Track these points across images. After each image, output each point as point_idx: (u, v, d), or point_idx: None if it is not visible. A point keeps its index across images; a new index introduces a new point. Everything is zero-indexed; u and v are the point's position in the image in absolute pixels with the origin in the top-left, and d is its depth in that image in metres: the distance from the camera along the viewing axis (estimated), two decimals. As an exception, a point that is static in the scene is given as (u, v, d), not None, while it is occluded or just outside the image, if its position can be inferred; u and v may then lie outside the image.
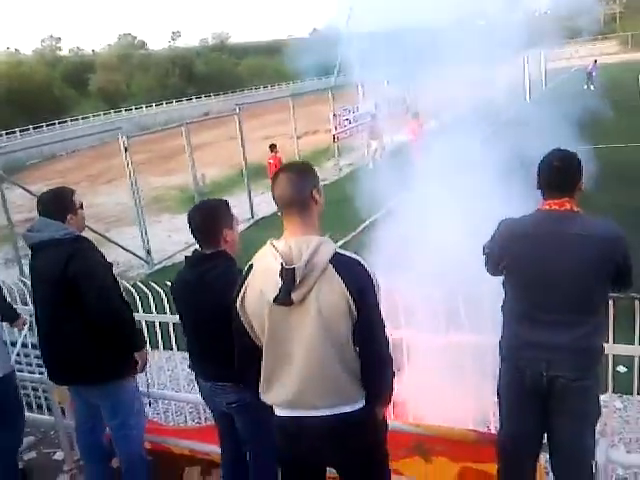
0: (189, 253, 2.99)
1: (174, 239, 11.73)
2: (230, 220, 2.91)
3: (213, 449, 3.46)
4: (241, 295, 2.27)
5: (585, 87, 24.48)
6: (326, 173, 17.47)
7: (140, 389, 3.55)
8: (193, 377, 4.53)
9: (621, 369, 4.03)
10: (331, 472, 2.55)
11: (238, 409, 2.89)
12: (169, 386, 4.89)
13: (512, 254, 2.63)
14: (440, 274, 4.00)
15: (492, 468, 2.86)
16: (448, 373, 3.74)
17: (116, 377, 3.27)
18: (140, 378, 3.49)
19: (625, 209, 8.40)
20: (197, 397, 3.68)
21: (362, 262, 2.21)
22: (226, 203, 2.99)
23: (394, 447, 3.04)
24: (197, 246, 2.95)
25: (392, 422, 3.25)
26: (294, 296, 2.12)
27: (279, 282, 2.12)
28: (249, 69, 77.75)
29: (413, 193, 5.95)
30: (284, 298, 2.12)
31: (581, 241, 2.47)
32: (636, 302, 3.08)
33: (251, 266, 2.30)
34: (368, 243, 5.51)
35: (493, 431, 3.32)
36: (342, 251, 2.21)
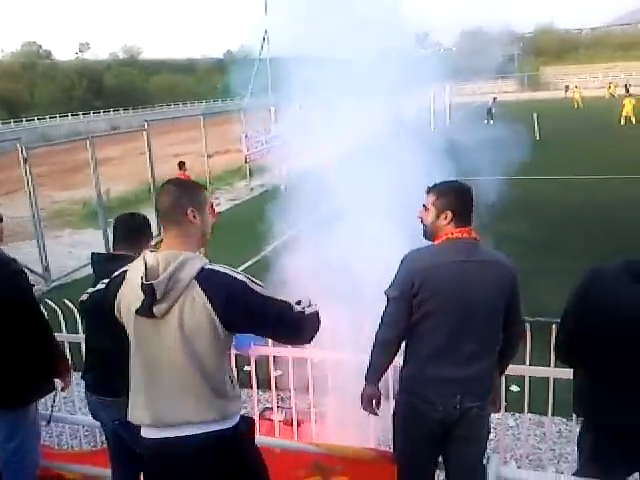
0: (89, 271, 2.93)
1: (75, 255, 11.27)
2: (149, 234, 3.04)
3: (106, 473, 3.32)
4: (117, 302, 2.24)
5: (485, 122, 25.86)
6: (238, 193, 17.42)
7: (41, 411, 3.38)
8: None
9: (514, 388, 4.23)
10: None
11: (122, 426, 2.73)
12: (63, 408, 4.66)
13: (431, 283, 2.49)
14: (348, 294, 4.06)
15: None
16: (352, 393, 3.80)
17: (24, 404, 3.12)
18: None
19: (514, 238, 8.95)
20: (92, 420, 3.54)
21: (230, 272, 2.13)
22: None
23: (294, 467, 3.06)
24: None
25: (291, 442, 3.27)
26: (156, 310, 2.08)
27: (141, 296, 2.09)
28: (160, 85, 76.49)
29: (324, 215, 6.05)
30: (145, 311, 2.09)
31: (489, 268, 2.50)
32: (527, 325, 3.24)
33: (125, 273, 2.26)
34: (277, 263, 5.53)
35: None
36: (211, 266, 2.14)
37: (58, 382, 3.27)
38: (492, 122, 25.73)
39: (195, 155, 18.45)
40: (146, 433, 2.20)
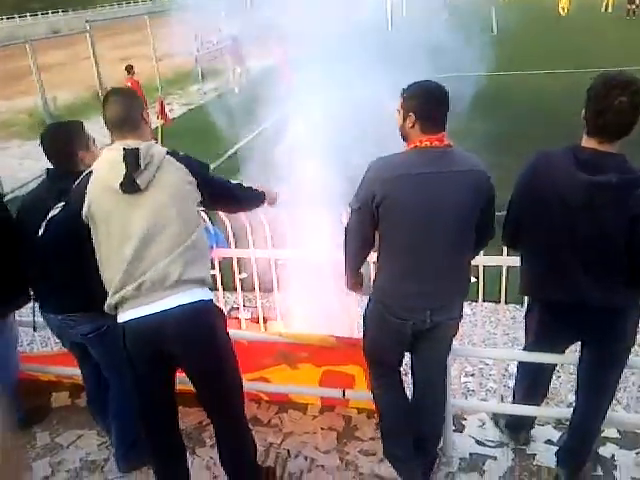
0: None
1: (26, 166, 10.96)
2: (86, 141, 2.82)
3: (78, 372, 3.46)
4: (86, 203, 2.35)
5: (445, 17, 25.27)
6: (190, 97, 16.92)
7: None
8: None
9: (473, 279, 4.46)
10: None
11: (93, 339, 2.82)
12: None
13: (393, 197, 2.34)
14: (311, 196, 4.11)
15: (352, 370, 3.11)
16: (316, 289, 3.95)
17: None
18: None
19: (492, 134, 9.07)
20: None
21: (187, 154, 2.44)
22: (80, 124, 2.89)
23: (260, 357, 3.24)
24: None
25: (257, 333, 3.44)
26: (139, 181, 2.25)
27: (123, 170, 2.25)
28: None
29: (280, 117, 5.98)
30: (129, 184, 2.25)
31: (461, 177, 2.33)
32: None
33: (90, 173, 2.39)
34: (237, 167, 5.52)
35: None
36: (172, 150, 2.42)
37: None
38: (447, 17, 25.11)
39: (144, 58, 17.67)
40: (134, 313, 2.31)
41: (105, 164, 2.34)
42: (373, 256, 2.67)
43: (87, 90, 16.06)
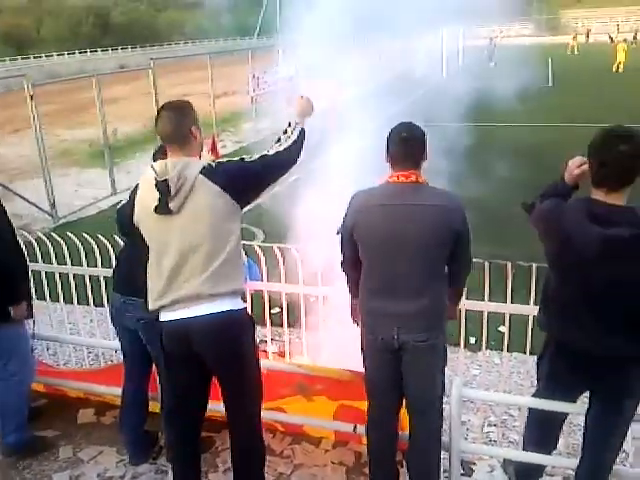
0: (96, 209, 3.11)
1: (81, 193, 11.44)
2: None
3: (107, 390, 3.61)
4: (135, 213, 2.58)
5: (492, 64, 25.40)
6: (243, 135, 17.39)
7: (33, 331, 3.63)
8: (93, 330, 4.61)
9: (502, 329, 4.42)
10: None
11: (145, 325, 3.05)
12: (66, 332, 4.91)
13: (363, 225, 2.67)
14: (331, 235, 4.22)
15: (366, 405, 3.15)
16: (342, 325, 4.01)
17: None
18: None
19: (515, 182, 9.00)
20: (95, 340, 3.79)
21: (223, 160, 2.58)
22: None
23: (278, 387, 3.31)
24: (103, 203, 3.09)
25: (277, 362, 3.52)
26: (172, 205, 2.43)
27: (157, 195, 2.43)
28: (168, 23, 74.84)
29: (326, 159, 6.13)
30: (163, 208, 2.44)
31: (425, 211, 2.57)
32: (508, 265, 3.38)
33: (137, 185, 2.62)
34: (278, 209, 5.67)
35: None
36: (209, 162, 2.54)
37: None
38: (493, 64, 25.18)
39: (202, 96, 18.32)
40: (169, 316, 2.54)
41: (145, 184, 2.54)
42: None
43: (146, 124, 16.72)
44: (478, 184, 8.03)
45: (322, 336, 4.22)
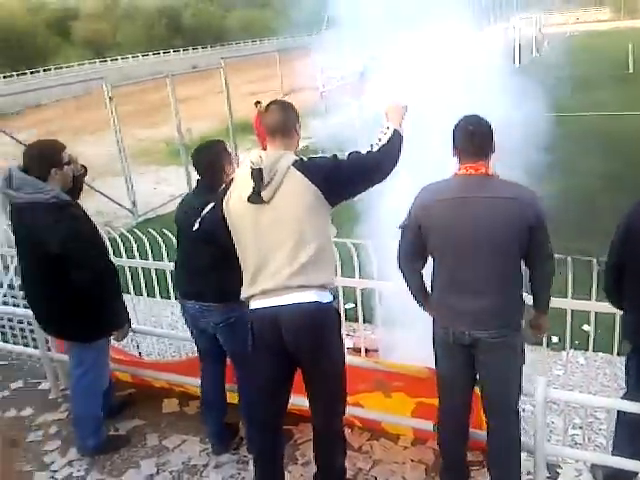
0: (174, 205, 3.21)
1: (159, 191, 11.84)
2: (229, 158, 3.22)
3: (189, 381, 3.73)
4: (226, 199, 2.65)
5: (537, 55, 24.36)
6: (313, 131, 17.49)
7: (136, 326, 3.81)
8: (174, 323, 4.77)
9: (586, 328, 4.27)
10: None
11: (223, 328, 3.15)
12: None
13: (432, 219, 2.62)
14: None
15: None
16: (418, 322, 3.99)
17: (86, 341, 3.39)
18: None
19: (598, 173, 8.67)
20: (182, 334, 3.94)
21: (315, 156, 2.59)
22: (224, 144, 3.34)
23: (356, 382, 3.32)
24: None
25: (356, 358, 3.52)
26: (264, 194, 2.49)
27: (251, 183, 2.50)
28: (237, 22, 76.17)
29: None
30: (255, 197, 2.50)
31: (496, 203, 2.50)
32: (593, 261, 3.26)
33: (231, 182, 2.69)
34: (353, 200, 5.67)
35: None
36: (301, 157, 2.59)
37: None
38: (539, 54, 24.13)
39: (271, 93, 18.56)
40: (258, 304, 2.60)
41: (240, 175, 2.63)
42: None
43: (219, 122, 17.11)
44: (561, 176, 7.78)
45: (398, 332, 4.20)
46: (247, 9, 79.36)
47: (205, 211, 2.89)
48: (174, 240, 4.22)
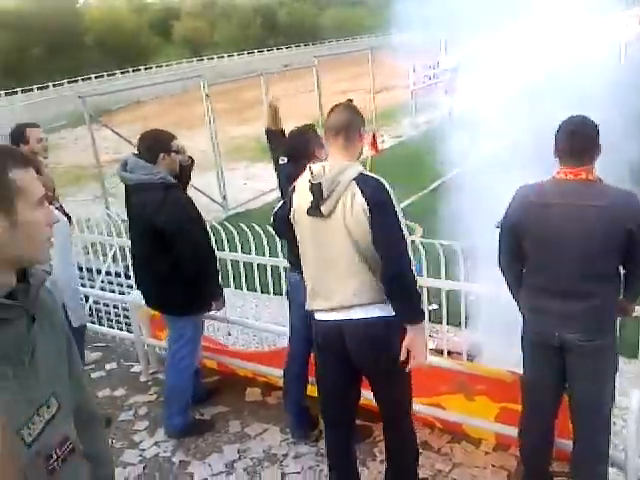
0: (262, 201, 3.29)
1: (249, 186, 12.11)
2: (319, 141, 3.32)
3: (272, 371, 3.82)
4: (291, 209, 2.66)
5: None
6: (402, 130, 17.36)
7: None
8: (258, 315, 4.89)
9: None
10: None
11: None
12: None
13: (528, 222, 2.58)
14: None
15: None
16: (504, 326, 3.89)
17: (188, 314, 3.62)
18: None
19: None
20: (273, 326, 4.06)
21: (381, 180, 2.48)
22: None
23: (438, 383, 3.29)
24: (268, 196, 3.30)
25: (440, 359, 3.48)
26: (323, 208, 2.47)
27: (311, 196, 2.49)
28: (331, 20, 76.72)
29: (489, 154, 5.93)
30: (315, 210, 2.49)
31: (593, 211, 2.42)
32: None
33: (295, 186, 2.69)
34: (440, 200, 5.59)
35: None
36: (367, 173, 2.53)
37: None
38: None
39: (363, 91, 18.57)
40: (322, 316, 2.63)
41: (302, 184, 2.61)
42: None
43: (309, 120, 17.23)
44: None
45: (483, 335, 4.12)
46: (341, 7, 79.73)
47: (275, 209, 2.98)
48: (262, 234, 4.34)
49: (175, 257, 3.38)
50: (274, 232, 3.31)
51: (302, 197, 2.56)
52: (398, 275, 2.42)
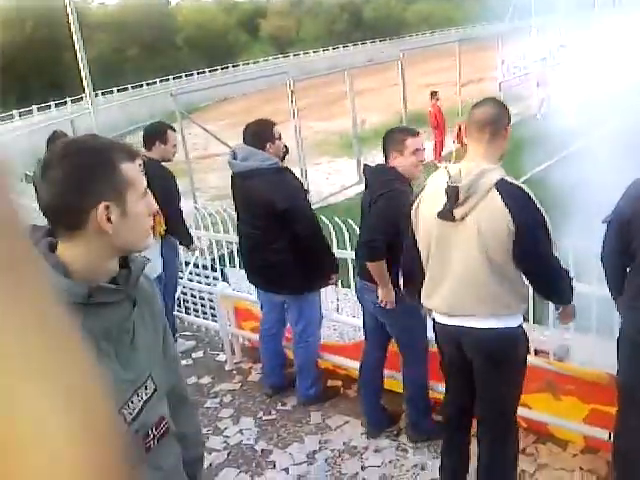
0: (344, 196, 3.33)
1: (331, 181, 12.20)
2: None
3: (351, 364, 3.83)
4: (415, 205, 2.57)
5: None
6: (489, 123, 16.91)
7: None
8: (340, 308, 4.91)
9: None
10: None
11: (380, 310, 3.28)
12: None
13: (635, 222, 2.40)
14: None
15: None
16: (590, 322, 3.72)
17: (309, 290, 3.76)
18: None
19: None
20: (342, 317, 4.07)
21: (525, 189, 2.33)
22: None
23: (527, 380, 3.18)
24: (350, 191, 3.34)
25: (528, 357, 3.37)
26: (456, 213, 2.34)
27: (444, 199, 2.36)
28: (417, 14, 75.77)
29: (580, 150, 5.69)
30: (446, 214, 2.37)
31: None
32: None
33: (424, 187, 2.60)
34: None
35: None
36: (509, 179, 2.35)
37: None
38: None
39: (449, 84, 18.25)
40: (439, 319, 2.63)
41: (434, 184, 2.49)
42: None
43: (393, 114, 17.16)
44: None
45: (573, 335, 3.95)
46: (427, 1, 78.55)
47: (379, 193, 3.05)
48: (344, 229, 4.35)
49: (294, 235, 3.53)
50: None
51: (434, 198, 2.44)
52: (556, 299, 2.59)
